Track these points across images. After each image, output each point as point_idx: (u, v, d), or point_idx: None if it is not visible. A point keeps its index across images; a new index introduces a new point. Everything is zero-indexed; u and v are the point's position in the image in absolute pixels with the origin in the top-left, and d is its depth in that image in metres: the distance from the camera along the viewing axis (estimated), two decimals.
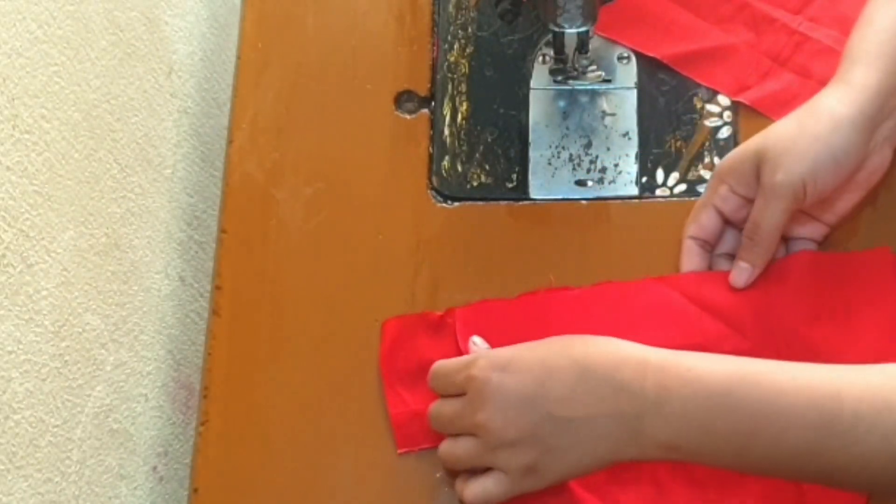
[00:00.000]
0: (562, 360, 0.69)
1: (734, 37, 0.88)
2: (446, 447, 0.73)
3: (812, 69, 0.86)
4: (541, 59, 0.90)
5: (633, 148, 0.87)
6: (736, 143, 0.86)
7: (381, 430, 0.79)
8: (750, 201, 0.76)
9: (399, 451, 0.78)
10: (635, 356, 0.68)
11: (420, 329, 0.81)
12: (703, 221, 0.79)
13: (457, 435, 0.73)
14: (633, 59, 0.89)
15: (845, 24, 0.83)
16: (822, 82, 0.79)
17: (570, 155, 0.87)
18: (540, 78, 0.89)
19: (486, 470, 0.71)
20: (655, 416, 0.66)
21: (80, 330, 0.76)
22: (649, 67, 0.89)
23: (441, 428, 0.74)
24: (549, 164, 0.87)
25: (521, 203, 0.86)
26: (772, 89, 0.86)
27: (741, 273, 0.77)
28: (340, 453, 0.79)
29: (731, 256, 0.79)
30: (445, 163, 0.88)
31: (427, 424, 0.75)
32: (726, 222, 0.79)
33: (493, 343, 0.77)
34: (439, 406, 0.74)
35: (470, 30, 0.92)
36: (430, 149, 0.88)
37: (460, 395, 0.72)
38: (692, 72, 0.88)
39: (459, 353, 0.78)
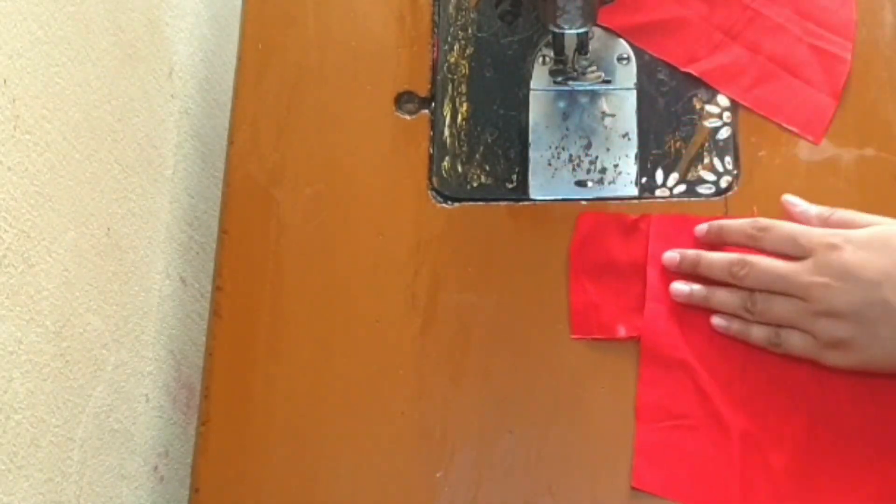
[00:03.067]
0: None
1: (687, 9, 0.89)
2: (765, 298, 0.76)
3: (762, 45, 0.87)
4: (541, 59, 0.90)
5: (632, 149, 0.87)
6: (735, 144, 0.86)
7: (382, 429, 0.79)
8: None
9: (573, 336, 0.80)
10: None
11: (613, 228, 0.83)
12: None
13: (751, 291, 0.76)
14: (633, 59, 0.89)
15: (798, 3, 0.86)
16: (772, 58, 0.84)
17: (570, 155, 0.87)
18: (540, 79, 0.89)
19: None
20: None
21: (81, 330, 0.76)
22: (649, 68, 0.89)
23: (737, 278, 0.77)
24: (549, 164, 0.87)
25: (521, 203, 0.86)
26: (721, 62, 0.87)
27: None
28: (340, 453, 0.79)
29: None
30: (445, 163, 0.88)
31: (602, 317, 0.79)
32: None
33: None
34: (750, 259, 0.76)
35: (470, 31, 0.92)
36: (431, 149, 0.88)
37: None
38: (644, 42, 0.89)
39: (646, 258, 0.81)
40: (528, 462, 0.78)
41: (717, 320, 0.79)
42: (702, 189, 0.85)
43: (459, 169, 0.87)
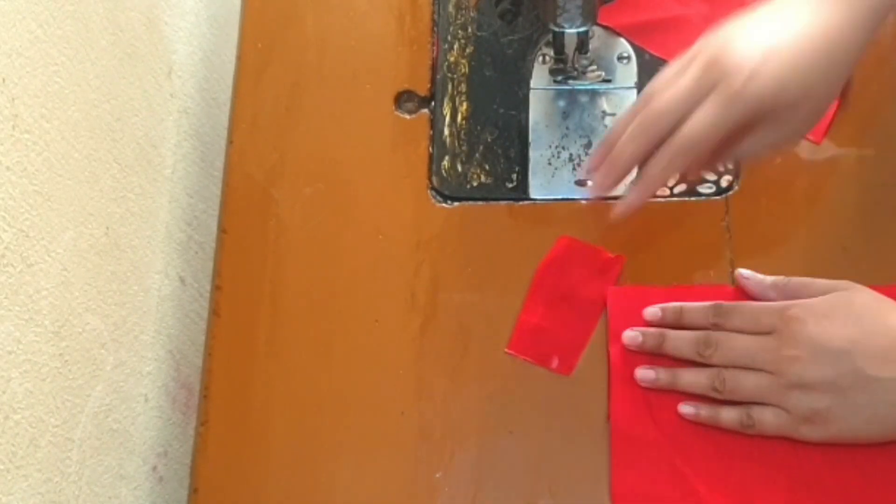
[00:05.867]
0: (879, 325, 0.71)
1: (688, 8, 0.89)
2: (734, 375, 0.74)
3: None
4: (541, 59, 0.90)
5: None
6: None
7: (382, 429, 0.79)
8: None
9: (507, 350, 0.80)
10: None
11: (585, 259, 0.82)
12: None
13: (702, 366, 0.75)
14: (633, 59, 0.89)
15: None
16: None
17: (570, 155, 0.87)
18: (540, 78, 0.89)
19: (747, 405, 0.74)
20: None
21: (80, 330, 0.76)
22: (649, 67, 0.89)
23: (704, 357, 0.75)
24: (549, 164, 0.87)
25: (521, 203, 0.86)
26: None
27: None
28: (340, 453, 0.79)
29: None
30: (445, 163, 0.88)
31: (541, 344, 0.79)
32: None
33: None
34: (717, 337, 0.75)
35: (470, 30, 0.92)
36: (430, 149, 0.88)
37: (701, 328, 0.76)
38: (646, 42, 0.89)
39: (604, 305, 0.80)
40: (528, 462, 0.78)
41: (684, 409, 0.76)
42: (702, 189, 0.85)
43: (459, 168, 0.87)
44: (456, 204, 0.86)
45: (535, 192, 0.86)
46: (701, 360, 0.76)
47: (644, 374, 0.78)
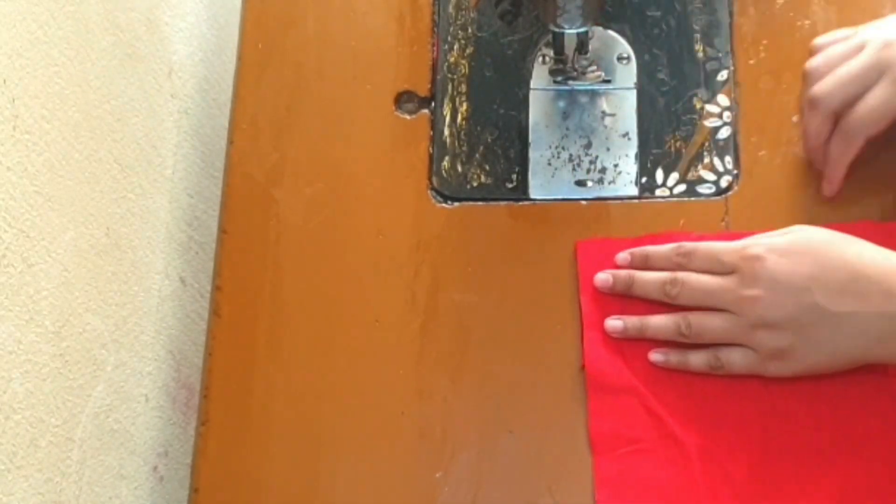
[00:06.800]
0: (836, 259, 0.73)
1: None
2: (699, 319, 0.76)
3: None
4: (541, 59, 0.90)
5: (632, 148, 0.87)
6: (735, 143, 0.86)
7: (382, 429, 0.79)
8: None
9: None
10: None
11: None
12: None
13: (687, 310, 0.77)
14: (633, 59, 0.89)
15: None
16: None
17: (570, 155, 0.87)
18: (540, 78, 0.89)
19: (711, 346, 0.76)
20: None
21: (81, 330, 0.76)
22: (649, 68, 0.89)
23: (670, 297, 0.77)
24: (549, 164, 0.87)
25: (521, 203, 0.86)
26: None
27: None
28: (340, 453, 0.79)
29: None
30: (445, 163, 0.88)
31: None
32: None
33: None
34: (682, 277, 0.77)
35: (470, 30, 0.92)
36: (430, 149, 0.88)
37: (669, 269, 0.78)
38: None
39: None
40: (528, 462, 0.78)
41: (654, 357, 0.78)
42: (702, 189, 0.85)
43: (459, 169, 0.87)
44: (456, 204, 0.86)
45: (535, 193, 0.86)
46: (667, 300, 0.78)
47: (613, 324, 0.79)
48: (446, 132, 0.89)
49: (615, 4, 0.91)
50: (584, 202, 0.85)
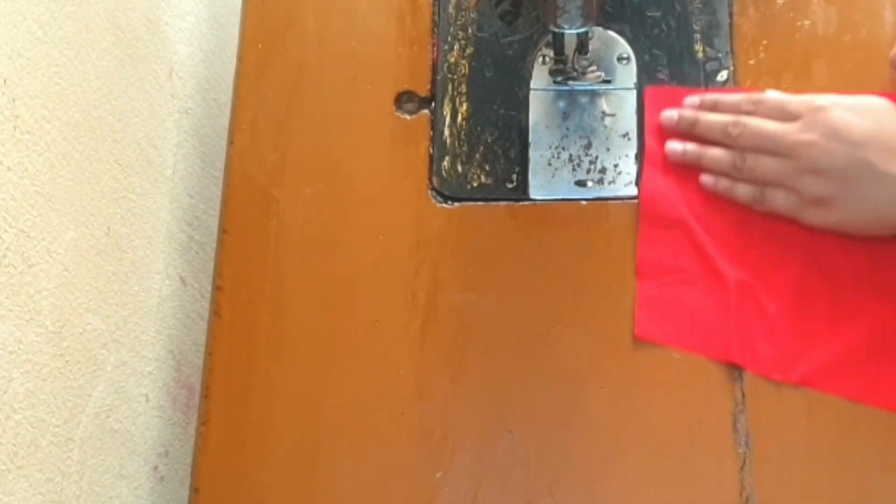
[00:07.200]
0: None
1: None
2: (754, 157, 0.80)
3: None
4: (541, 59, 0.90)
5: (632, 148, 0.87)
6: None
7: (382, 429, 0.79)
8: None
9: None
10: None
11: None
12: None
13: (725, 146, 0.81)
14: (633, 59, 0.89)
15: None
16: None
17: (570, 155, 0.87)
18: (540, 79, 0.89)
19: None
20: None
21: (81, 330, 0.76)
22: (649, 68, 0.89)
23: (731, 137, 0.81)
24: (549, 164, 0.87)
25: (521, 203, 0.86)
26: None
27: None
28: (340, 453, 0.79)
29: None
30: (446, 163, 0.88)
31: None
32: None
33: None
34: (745, 119, 0.80)
35: (470, 30, 0.92)
36: (431, 149, 0.88)
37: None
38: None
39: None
40: (528, 462, 0.78)
41: (704, 178, 0.82)
42: None
43: (459, 169, 0.87)
44: (456, 204, 0.86)
45: (535, 193, 0.86)
46: (728, 141, 0.81)
47: (673, 147, 0.84)
48: (446, 132, 0.89)
49: (615, 5, 0.91)
50: (584, 202, 0.85)
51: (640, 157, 0.86)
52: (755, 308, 0.79)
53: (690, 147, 0.83)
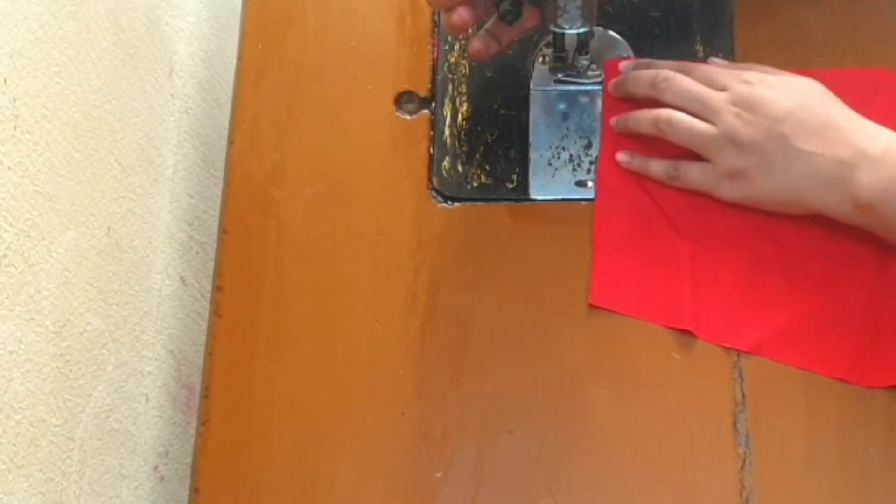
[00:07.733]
0: (817, 105, 0.78)
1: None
2: (680, 117, 0.80)
3: None
4: (541, 59, 0.90)
5: None
6: None
7: (382, 429, 0.79)
8: None
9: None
10: (873, 129, 0.76)
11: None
12: None
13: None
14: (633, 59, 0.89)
15: None
16: None
17: (570, 155, 0.87)
18: (540, 78, 0.89)
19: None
20: (868, 173, 0.74)
21: (81, 330, 0.76)
22: None
23: (658, 90, 0.82)
24: (550, 164, 0.87)
25: (521, 203, 0.86)
26: None
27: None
28: (340, 453, 0.79)
29: None
30: (446, 163, 0.88)
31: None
32: None
33: None
34: (684, 81, 0.81)
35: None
36: (431, 149, 0.88)
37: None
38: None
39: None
40: (528, 462, 0.78)
41: (620, 156, 0.84)
42: None
43: (459, 169, 0.87)
44: (456, 204, 0.86)
45: (535, 193, 0.86)
46: (654, 93, 0.82)
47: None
48: (446, 132, 0.89)
49: (615, 5, 0.91)
50: (584, 202, 0.85)
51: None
52: (709, 277, 0.80)
53: (621, 120, 0.85)
